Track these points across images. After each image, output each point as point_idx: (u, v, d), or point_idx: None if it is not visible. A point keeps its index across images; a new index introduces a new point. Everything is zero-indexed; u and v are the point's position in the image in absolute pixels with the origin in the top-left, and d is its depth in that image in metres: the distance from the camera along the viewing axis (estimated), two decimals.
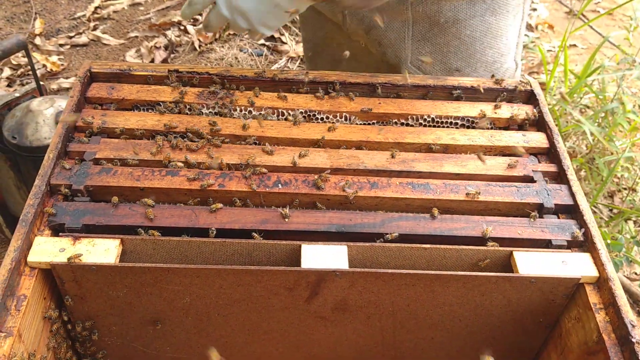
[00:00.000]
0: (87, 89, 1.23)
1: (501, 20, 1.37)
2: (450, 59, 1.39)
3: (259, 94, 1.25)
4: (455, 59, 1.39)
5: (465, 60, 1.39)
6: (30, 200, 1.01)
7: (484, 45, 1.39)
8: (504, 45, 1.42)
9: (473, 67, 1.41)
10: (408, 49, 1.39)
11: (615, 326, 0.97)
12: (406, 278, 1.00)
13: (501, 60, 1.43)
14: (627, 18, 3.46)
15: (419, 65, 1.40)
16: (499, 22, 1.37)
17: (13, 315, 0.92)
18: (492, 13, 1.34)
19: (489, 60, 1.41)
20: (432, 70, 1.41)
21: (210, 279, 0.99)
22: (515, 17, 1.40)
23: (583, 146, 2.61)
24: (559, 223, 1.08)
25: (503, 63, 1.44)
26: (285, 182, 1.09)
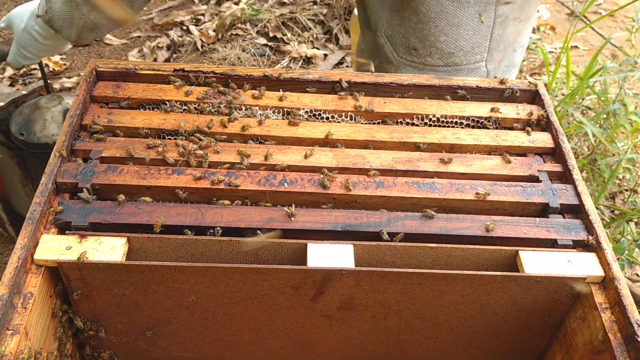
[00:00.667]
0: (93, 87, 1.23)
1: (459, 9, 1.34)
2: (411, 35, 1.39)
3: (264, 92, 1.25)
4: (414, 37, 1.39)
5: (421, 40, 1.39)
6: (36, 199, 1.01)
7: (438, 30, 1.36)
8: (464, 40, 1.39)
9: (428, 51, 1.40)
10: (384, 18, 1.40)
11: (621, 325, 0.97)
12: (412, 277, 1.00)
13: (460, 56, 1.41)
14: (629, 20, 3.46)
15: (389, 36, 1.41)
16: (457, 11, 1.35)
17: (20, 312, 0.92)
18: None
19: (444, 48, 1.39)
20: (396, 42, 1.40)
21: (217, 278, 0.99)
22: (479, 13, 1.36)
23: (585, 147, 2.62)
24: (565, 223, 1.09)
25: (464, 63, 1.42)
26: (291, 181, 1.10)
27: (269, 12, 3.31)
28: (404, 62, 1.44)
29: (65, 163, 1.09)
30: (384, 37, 1.41)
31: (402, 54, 1.43)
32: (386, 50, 1.45)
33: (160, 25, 3.23)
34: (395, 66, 1.46)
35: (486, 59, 1.44)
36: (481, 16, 1.36)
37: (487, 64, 1.45)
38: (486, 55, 1.44)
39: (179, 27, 3.24)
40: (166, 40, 3.14)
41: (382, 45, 1.43)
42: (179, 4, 3.40)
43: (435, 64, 1.42)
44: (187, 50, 3.09)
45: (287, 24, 3.26)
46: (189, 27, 3.21)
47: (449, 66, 1.42)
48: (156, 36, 3.18)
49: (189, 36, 3.17)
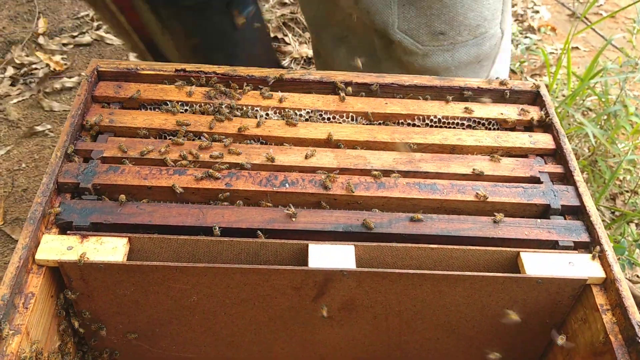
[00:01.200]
0: (95, 87, 1.23)
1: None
2: (434, 22, 1.40)
3: (271, 93, 1.25)
4: (439, 22, 1.40)
5: (448, 23, 1.41)
6: (38, 198, 1.01)
7: (465, 8, 1.40)
8: (487, 9, 1.43)
9: (457, 31, 1.42)
10: (394, 15, 1.41)
11: (622, 327, 0.97)
12: (413, 278, 1.00)
13: (485, 26, 1.45)
14: (630, 21, 3.46)
15: (405, 31, 1.42)
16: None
17: (21, 312, 0.92)
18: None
19: (472, 24, 1.42)
20: (418, 33, 1.42)
21: (218, 278, 0.99)
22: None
23: (585, 148, 2.62)
24: (566, 224, 1.09)
25: (488, 29, 1.46)
26: (293, 181, 1.10)
27: (270, 12, 3.31)
28: (431, 49, 1.46)
29: (67, 163, 1.09)
30: (400, 33, 1.43)
31: (427, 42, 1.45)
32: (406, 44, 1.46)
33: None
34: (422, 55, 1.48)
35: (500, 20, 1.49)
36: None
37: (501, 24, 1.50)
38: (500, 17, 1.48)
39: None
40: None
41: (398, 41, 1.44)
42: None
43: (464, 40, 1.45)
44: None
45: (288, 25, 3.26)
46: None
47: (477, 37, 1.45)
48: None
49: None
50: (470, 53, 1.48)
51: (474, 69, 1.54)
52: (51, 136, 2.36)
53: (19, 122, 2.43)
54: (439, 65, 1.48)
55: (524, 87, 1.30)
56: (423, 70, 1.49)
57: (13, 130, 2.39)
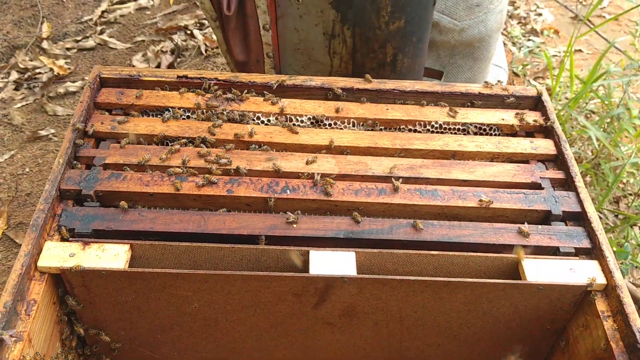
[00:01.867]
0: (97, 94, 1.24)
1: None
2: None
3: (275, 99, 1.25)
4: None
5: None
6: (40, 205, 1.02)
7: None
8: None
9: None
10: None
11: (623, 334, 0.97)
12: (414, 285, 1.00)
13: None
14: (633, 23, 3.45)
15: (442, 10, 1.46)
16: None
17: (23, 319, 0.92)
18: None
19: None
20: (456, 10, 1.47)
21: (219, 285, 0.99)
22: None
23: (589, 151, 2.61)
24: (567, 230, 1.09)
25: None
26: (294, 188, 1.10)
27: None
28: (468, 23, 1.50)
29: (69, 170, 1.09)
30: (437, 13, 1.46)
31: (465, 17, 1.49)
32: (444, 23, 1.49)
33: (164, 29, 3.25)
34: (459, 31, 1.51)
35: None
36: None
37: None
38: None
39: (183, 31, 3.25)
40: (170, 45, 3.15)
41: (435, 22, 1.47)
42: (183, 8, 3.42)
43: (494, 7, 1.50)
44: (191, 55, 3.09)
45: None
46: (193, 32, 3.22)
47: (502, 2, 1.51)
48: (160, 40, 3.19)
49: (193, 40, 3.18)
50: (498, 19, 1.54)
51: (496, 37, 1.59)
52: (55, 140, 2.37)
53: (22, 127, 2.44)
54: (475, 37, 1.53)
55: (525, 92, 1.30)
56: (458, 44, 1.52)
57: (17, 135, 2.40)
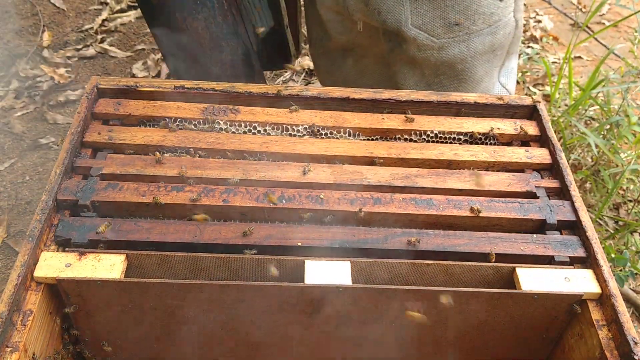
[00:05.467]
0: (94, 104, 1.24)
1: None
2: (449, 13, 1.42)
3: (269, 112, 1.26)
4: (453, 13, 1.42)
5: (462, 13, 1.42)
6: (37, 216, 1.02)
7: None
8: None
9: (472, 20, 1.44)
10: (407, 11, 1.42)
11: (617, 343, 0.97)
12: (409, 294, 1.01)
13: (499, 13, 1.46)
14: (632, 30, 3.46)
15: (419, 26, 1.43)
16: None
17: (19, 330, 0.93)
18: None
19: (486, 11, 1.43)
20: (433, 27, 1.43)
21: (214, 295, 1.00)
22: None
23: (588, 158, 2.61)
24: (562, 239, 1.09)
25: (502, 17, 1.47)
26: (290, 197, 1.10)
27: None
28: (447, 41, 1.47)
29: (66, 180, 1.10)
30: (413, 29, 1.44)
31: (443, 35, 1.46)
32: (421, 40, 1.47)
33: None
34: (437, 49, 1.48)
35: (514, 8, 1.50)
36: None
37: (515, 13, 1.50)
38: (513, 5, 1.49)
39: None
40: None
41: (412, 38, 1.45)
42: None
43: (479, 29, 1.46)
44: None
45: None
46: None
47: (491, 25, 1.47)
48: None
49: None
50: (485, 42, 1.49)
51: (488, 59, 1.55)
52: (55, 149, 2.38)
53: (23, 135, 2.45)
54: (455, 57, 1.49)
55: (521, 102, 1.31)
56: (439, 63, 1.50)
57: (17, 143, 2.41)
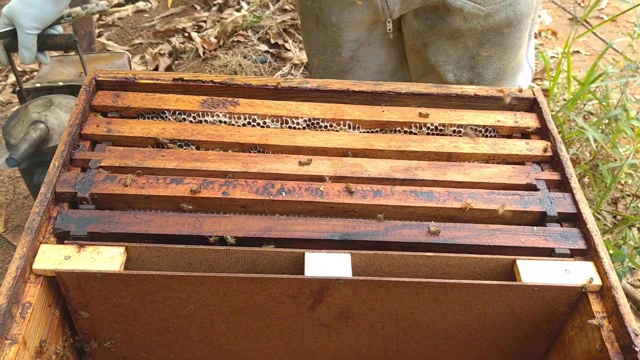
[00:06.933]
0: (93, 97, 1.24)
1: None
2: None
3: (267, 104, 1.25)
4: None
5: None
6: (35, 208, 1.02)
7: None
8: None
9: None
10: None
11: (618, 335, 0.97)
12: (409, 286, 1.01)
13: None
14: (631, 25, 3.46)
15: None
16: None
17: (18, 322, 0.92)
18: None
19: None
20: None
21: (214, 287, 1.00)
22: None
23: (587, 153, 2.62)
24: (562, 231, 1.09)
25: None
26: (289, 189, 1.10)
27: (271, 18, 3.33)
28: (494, 7, 1.44)
29: (65, 172, 1.09)
30: None
31: (489, 2, 1.43)
32: (468, 9, 1.44)
33: (162, 32, 3.25)
34: (485, 16, 1.46)
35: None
36: None
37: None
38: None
39: (180, 34, 3.26)
40: (168, 47, 3.15)
41: (459, 8, 1.43)
42: (180, 11, 3.42)
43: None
44: (188, 57, 3.10)
45: (289, 31, 3.27)
46: (190, 34, 3.23)
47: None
48: (158, 43, 3.19)
49: (190, 43, 3.19)
50: (528, 3, 1.48)
51: (528, 24, 1.53)
52: None
53: None
54: (502, 22, 1.48)
55: (521, 94, 1.30)
56: (485, 31, 1.48)
57: None
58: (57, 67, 1.92)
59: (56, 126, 1.59)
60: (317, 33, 1.67)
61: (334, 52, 1.66)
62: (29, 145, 1.50)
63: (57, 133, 1.59)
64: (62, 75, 1.88)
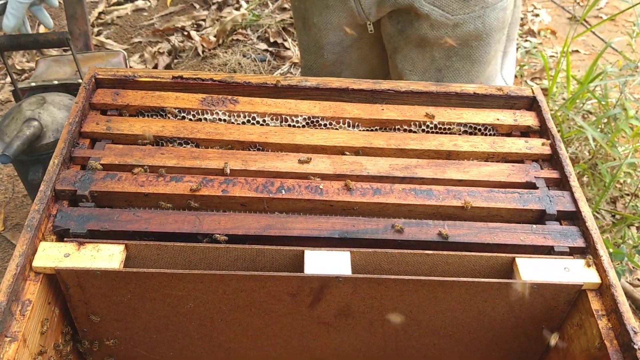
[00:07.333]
0: (92, 95, 1.24)
1: None
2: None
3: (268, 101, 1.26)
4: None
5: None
6: (35, 206, 1.02)
7: None
8: None
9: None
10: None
11: (617, 333, 0.97)
12: (409, 284, 1.01)
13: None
14: (630, 24, 3.46)
15: (432, 1, 1.38)
16: None
17: (18, 320, 0.92)
18: None
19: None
20: (447, 2, 1.37)
21: (214, 285, 1.00)
22: None
23: (586, 152, 2.62)
24: (562, 230, 1.09)
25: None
26: (289, 187, 1.10)
27: (270, 17, 3.33)
28: (462, 17, 1.40)
29: (64, 170, 1.09)
30: (427, 4, 1.38)
31: (458, 10, 1.40)
32: (435, 16, 1.41)
33: (162, 30, 3.25)
34: (452, 26, 1.43)
35: None
36: None
37: None
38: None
39: (180, 32, 3.26)
40: (167, 46, 3.15)
41: (426, 14, 1.39)
42: (180, 10, 3.42)
43: (494, 3, 1.40)
44: (188, 56, 3.10)
45: (288, 29, 3.27)
46: (190, 33, 3.23)
47: (502, 0, 1.42)
48: (157, 42, 3.19)
49: (190, 41, 3.19)
50: (499, 17, 1.44)
51: (499, 39, 1.49)
52: None
53: None
54: (470, 34, 1.44)
55: (520, 92, 1.30)
56: (452, 40, 1.44)
57: None
58: (53, 67, 1.93)
59: (50, 123, 1.60)
60: (304, 33, 1.67)
61: (317, 53, 1.66)
62: (21, 143, 1.51)
63: (51, 130, 1.59)
64: (58, 74, 1.89)
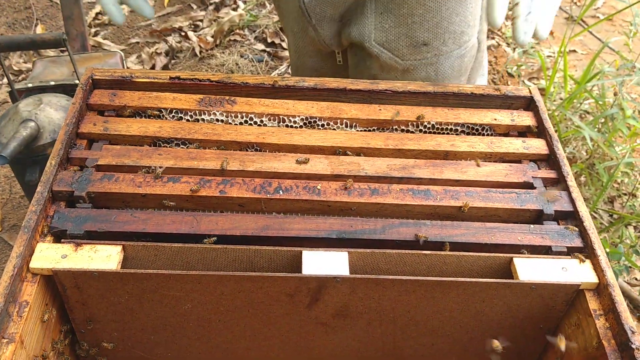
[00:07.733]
0: (89, 95, 1.24)
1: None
2: (416, 31, 1.29)
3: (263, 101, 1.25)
4: (422, 31, 1.29)
5: (432, 31, 1.30)
6: (32, 207, 1.01)
7: (450, 11, 1.28)
8: (470, 14, 1.31)
9: (441, 40, 1.31)
10: (371, 25, 1.30)
11: (615, 332, 0.97)
12: (406, 284, 1.01)
13: (469, 33, 1.34)
14: (627, 24, 3.47)
15: (383, 43, 1.32)
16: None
17: (15, 321, 0.92)
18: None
19: (457, 30, 1.31)
20: (397, 45, 1.31)
21: (211, 286, 1.00)
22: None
23: (583, 151, 2.62)
24: (559, 229, 1.09)
25: (470, 36, 1.35)
26: (287, 188, 1.10)
27: (267, 17, 3.33)
28: (413, 63, 1.34)
29: (61, 171, 1.09)
30: (377, 46, 1.33)
31: (409, 56, 1.33)
32: (384, 59, 1.36)
33: (159, 31, 3.25)
34: (402, 71, 1.38)
35: (480, 28, 1.39)
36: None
37: (479, 34, 1.40)
38: (478, 25, 1.38)
39: (177, 33, 3.26)
40: (164, 46, 3.15)
41: (375, 55, 1.35)
42: (177, 10, 3.42)
43: (449, 50, 1.34)
44: (185, 56, 3.10)
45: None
46: (187, 33, 3.23)
47: (461, 47, 1.35)
48: (154, 42, 3.19)
49: (187, 42, 3.19)
50: (454, 65, 1.38)
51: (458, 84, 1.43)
52: None
53: None
54: (422, 80, 1.38)
55: (518, 92, 1.31)
56: None
57: None
58: (50, 67, 1.93)
59: (46, 124, 1.60)
60: (287, 35, 1.66)
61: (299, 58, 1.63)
62: (18, 143, 1.51)
63: (48, 131, 1.59)
64: (55, 75, 1.89)
